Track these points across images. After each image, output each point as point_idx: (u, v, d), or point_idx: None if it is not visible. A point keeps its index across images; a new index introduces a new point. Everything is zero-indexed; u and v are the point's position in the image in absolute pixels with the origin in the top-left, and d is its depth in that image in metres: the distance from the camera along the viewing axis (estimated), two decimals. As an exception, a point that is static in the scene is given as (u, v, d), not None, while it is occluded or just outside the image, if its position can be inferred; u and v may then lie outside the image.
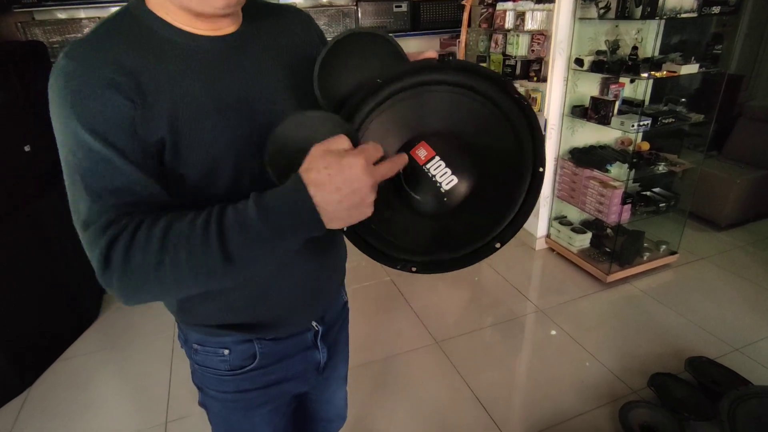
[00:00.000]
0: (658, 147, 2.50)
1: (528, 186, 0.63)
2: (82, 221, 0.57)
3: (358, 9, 3.36)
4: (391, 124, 0.64)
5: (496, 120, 0.63)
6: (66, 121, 0.56)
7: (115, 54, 0.57)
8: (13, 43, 2.53)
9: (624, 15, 2.14)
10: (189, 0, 0.58)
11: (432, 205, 0.63)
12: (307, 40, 0.77)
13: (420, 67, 0.64)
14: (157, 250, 0.52)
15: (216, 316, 0.77)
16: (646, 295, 2.44)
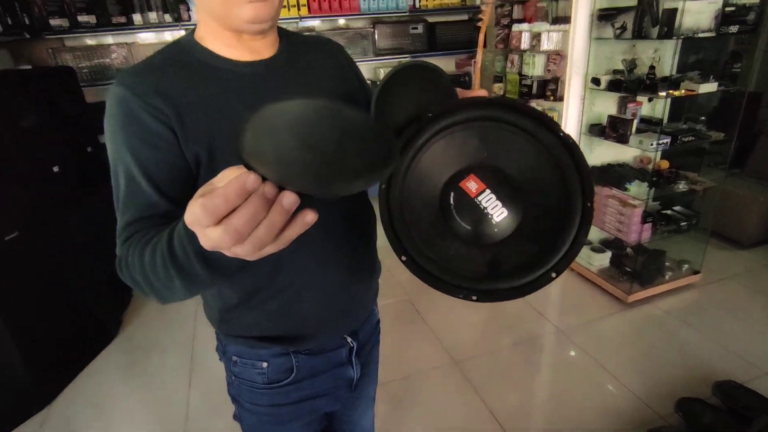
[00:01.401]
0: (678, 165, 2.48)
1: (579, 221, 0.65)
2: (117, 228, 0.66)
3: (375, 31, 3.44)
4: (441, 156, 0.67)
5: (541, 156, 0.66)
6: (114, 138, 0.64)
7: (159, 81, 0.64)
8: (45, 68, 2.64)
9: (640, 35, 2.15)
10: (226, 19, 0.64)
11: (484, 236, 0.65)
12: (340, 67, 0.82)
13: (470, 103, 0.67)
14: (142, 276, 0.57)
15: (255, 327, 0.79)
16: (670, 315, 2.39)
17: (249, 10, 0.63)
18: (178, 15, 3.05)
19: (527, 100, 2.70)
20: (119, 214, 0.66)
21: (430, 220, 0.65)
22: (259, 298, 0.76)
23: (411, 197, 0.65)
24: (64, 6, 2.80)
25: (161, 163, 0.63)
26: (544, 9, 2.48)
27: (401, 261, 0.63)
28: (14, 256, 1.87)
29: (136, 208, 0.64)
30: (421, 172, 0.66)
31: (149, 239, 0.57)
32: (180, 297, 0.58)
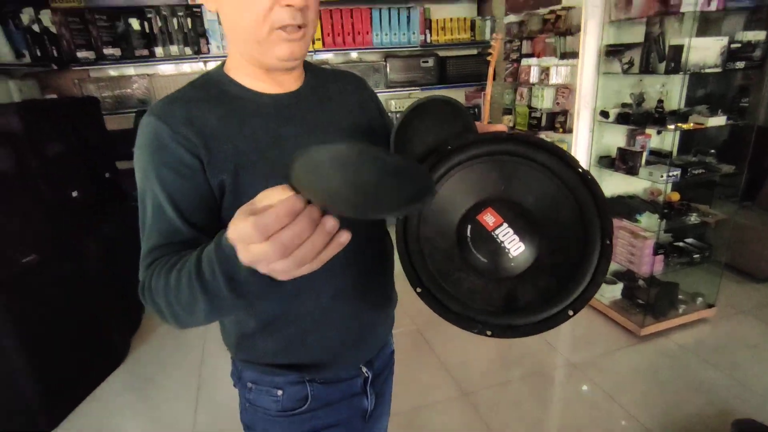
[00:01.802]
0: (689, 197, 2.48)
1: (597, 258, 0.64)
2: (141, 254, 0.68)
3: (387, 64, 3.54)
4: (459, 188, 0.67)
5: (560, 191, 0.66)
6: (143, 166, 0.67)
7: (189, 111, 0.68)
8: (71, 98, 2.75)
9: (648, 70, 2.19)
10: (258, 51, 0.67)
11: (501, 270, 0.65)
12: (362, 101, 0.86)
13: (490, 138, 0.68)
14: (164, 299, 0.60)
15: (272, 354, 0.80)
16: (684, 350, 2.34)
17: (285, 49, 0.67)
18: (198, 48, 3.17)
19: (537, 132, 2.74)
20: (144, 240, 0.69)
21: (446, 252, 0.65)
22: (277, 325, 0.77)
23: (428, 229, 0.65)
24: (91, 40, 2.93)
25: (187, 191, 0.66)
26: (552, 45, 2.54)
27: (416, 293, 0.63)
28: (30, 279, 1.91)
29: (161, 234, 0.67)
30: (439, 204, 0.66)
31: (173, 263, 0.60)
32: (200, 321, 0.59)
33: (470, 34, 3.69)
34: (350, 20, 3.34)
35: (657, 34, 2.13)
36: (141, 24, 3.01)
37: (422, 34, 3.56)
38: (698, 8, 1.95)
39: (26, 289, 1.89)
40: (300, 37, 0.67)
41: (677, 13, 2.00)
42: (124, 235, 2.65)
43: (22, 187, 1.91)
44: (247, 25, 0.65)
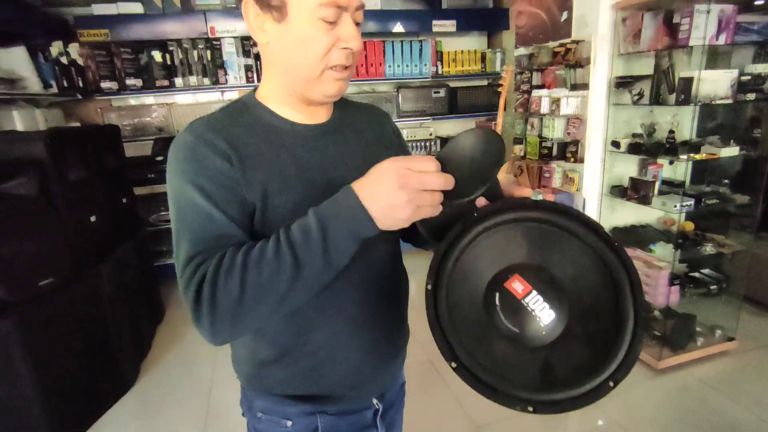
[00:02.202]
0: (704, 227, 2.46)
1: (632, 328, 0.63)
2: (182, 262, 0.66)
3: (399, 95, 3.61)
4: (485, 255, 0.67)
5: (587, 259, 0.66)
6: (179, 179, 0.67)
7: (225, 130, 0.70)
8: (94, 126, 2.84)
9: (658, 101, 2.21)
10: (306, 86, 0.71)
11: (533, 339, 0.63)
12: (385, 134, 0.89)
13: (515, 205, 0.69)
14: (240, 275, 0.60)
15: (286, 385, 0.80)
16: (704, 384, 2.27)
17: (334, 87, 0.71)
18: (216, 78, 3.28)
19: (548, 161, 2.76)
20: (183, 247, 0.67)
21: (477, 321, 0.64)
22: (292, 356, 0.78)
23: (457, 298, 0.65)
24: (115, 71, 3.05)
25: (229, 198, 0.67)
26: (562, 76, 2.59)
27: (451, 368, 0.61)
28: (44, 302, 1.93)
29: (204, 239, 0.66)
30: (466, 271, 0.66)
31: (250, 246, 0.63)
32: (271, 304, 0.61)
33: (481, 66, 3.77)
34: (364, 52, 3.44)
35: (666, 67, 2.16)
36: (163, 56, 3.13)
37: (434, 65, 3.65)
38: (707, 42, 1.99)
39: (39, 313, 1.91)
40: (348, 76, 0.71)
41: (686, 47, 2.04)
42: (137, 261, 2.69)
43: (44, 211, 1.96)
44: (303, 62, 0.68)
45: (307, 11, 0.64)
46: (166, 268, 3.38)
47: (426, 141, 3.74)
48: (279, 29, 0.67)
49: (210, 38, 3.20)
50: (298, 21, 0.65)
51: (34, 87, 2.61)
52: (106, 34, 3.00)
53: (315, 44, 0.66)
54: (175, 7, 3.10)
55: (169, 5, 3.08)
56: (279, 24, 0.67)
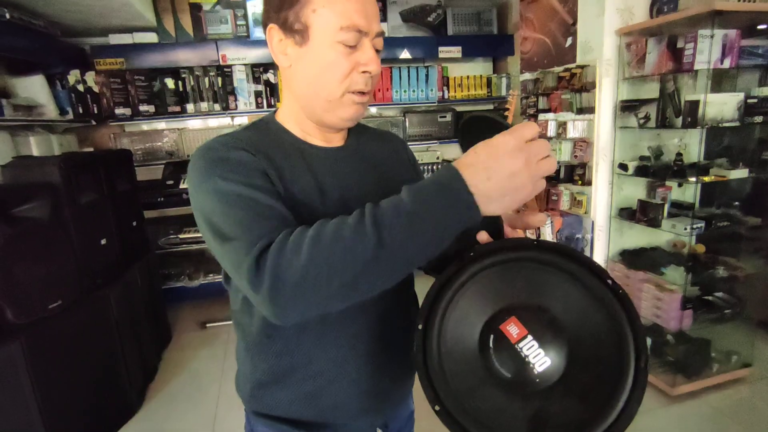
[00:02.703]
0: (715, 250, 2.42)
1: (632, 382, 0.60)
2: (241, 256, 0.58)
3: (405, 119, 3.66)
4: (482, 294, 0.64)
5: (589, 304, 0.62)
6: (211, 181, 0.64)
7: (248, 141, 0.71)
8: (107, 151, 2.89)
9: (664, 124, 2.22)
10: (325, 109, 0.73)
11: (525, 386, 0.60)
12: (400, 161, 0.91)
13: (514, 245, 0.67)
14: (310, 245, 0.54)
15: (286, 408, 0.79)
16: (721, 413, 2.20)
17: (352, 111, 0.73)
18: (226, 104, 3.35)
19: (555, 184, 2.76)
20: (235, 244, 0.60)
21: (468, 364, 0.61)
22: (294, 378, 0.77)
23: (450, 339, 0.62)
24: (129, 98, 3.13)
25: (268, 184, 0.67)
26: (568, 100, 2.61)
27: (434, 411, 0.59)
28: (52, 324, 1.94)
29: (263, 224, 0.61)
30: (461, 311, 0.63)
31: (324, 221, 0.58)
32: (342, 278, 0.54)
33: (486, 91, 3.82)
34: (371, 78, 3.51)
35: (671, 91, 2.18)
36: (175, 83, 3.21)
37: (440, 90, 3.70)
38: (711, 66, 2.01)
39: (46, 335, 1.91)
40: (366, 101, 0.74)
41: (691, 71, 2.06)
42: (145, 284, 2.70)
43: (55, 234, 1.98)
44: (324, 84, 0.70)
45: (328, 35, 0.67)
46: (173, 291, 3.39)
47: (433, 164, 3.77)
48: (300, 53, 0.70)
49: (221, 65, 3.29)
50: (319, 45, 0.68)
51: (50, 114, 2.68)
52: (122, 62, 3.09)
53: (335, 67, 0.69)
54: (189, 36, 3.19)
55: (183, 35, 3.18)
56: (300, 48, 0.70)
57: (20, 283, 1.78)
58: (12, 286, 1.75)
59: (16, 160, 2.16)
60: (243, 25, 3.27)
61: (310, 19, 0.67)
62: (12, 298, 1.75)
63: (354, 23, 0.67)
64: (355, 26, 0.67)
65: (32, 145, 2.46)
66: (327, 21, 0.67)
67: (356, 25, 0.67)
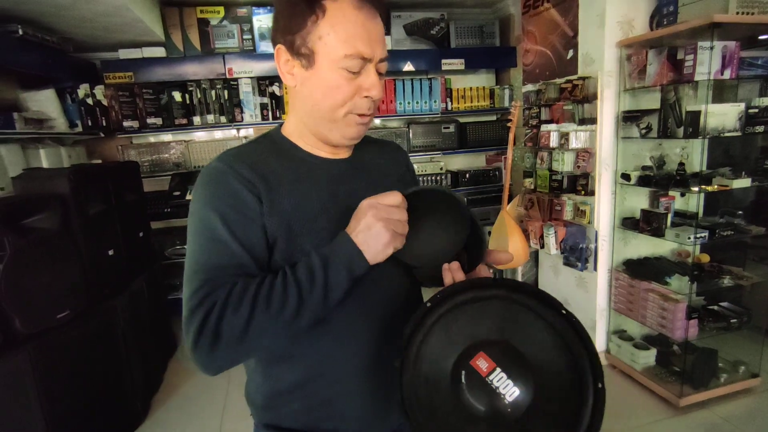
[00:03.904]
0: (720, 259, 2.42)
1: (592, 403, 0.64)
2: (191, 288, 0.68)
3: (409, 130, 3.69)
4: (450, 333, 0.69)
5: (549, 334, 0.67)
6: (202, 203, 0.72)
7: (253, 159, 0.75)
8: (114, 163, 2.93)
9: (666, 134, 2.24)
10: (328, 127, 0.76)
11: (498, 417, 0.64)
12: (400, 170, 0.94)
13: (476, 284, 0.71)
14: (248, 309, 0.65)
15: (299, 417, 0.79)
16: (730, 424, 2.18)
17: (354, 131, 0.76)
18: (232, 116, 3.39)
19: (559, 195, 2.77)
20: (195, 272, 0.69)
21: (443, 401, 0.66)
22: (309, 388, 0.78)
23: (424, 376, 0.66)
24: (137, 110, 3.18)
25: (249, 228, 0.71)
26: (570, 111, 2.64)
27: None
28: (62, 334, 1.96)
29: (219, 268, 0.69)
30: (432, 352, 0.67)
31: (260, 281, 0.67)
32: (279, 331, 0.67)
33: (489, 102, 3.86)
34: (375, 90, 3.55)
35: (672, 101, 2.20)
36: (182, 96, 3.26)
37: (443, 102, 3.74)
38: (712, 77, 2.03)
39: (53, 346, 1.92)
40: (368, 122, 0.77)
41: (691, 82, 2.08)
42: (151, 294, 2.72)
43: (64, 245, 2.01)
44: (327, 106, 0.73)
45: (333, 61, 0.70)
46: (178, 301, 3.38)
47: (436, 175, 3.79)
48: (306, 75, 0.73)
49: (228, 79, 3.34)
50: (324, 69, 0.71)
51: (60, 127, 2.73)
52: (131, 76, 3.15)
53: (338, 91, 0.72)
54: (196, 50, 3.25)
55: (191, 49, 3.24)
56: (306, 71, 0.73)
57: (29, 293, 1.81)
58: (21, 295, 1.77)
59: (26, 172, 2.20)
60: (249, 39, 3.33)
61: (317, 46, 0.70)
62: (21, 308, 1.77)
63: (358, 51, 0.69)
64: (359, 54, 0.70)
65: (42, 158, 2.50)
66: (332, 48, 0.69)
67: (360, 53, 0.70)
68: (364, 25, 0.70)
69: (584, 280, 2.75)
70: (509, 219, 2.71)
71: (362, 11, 0.70)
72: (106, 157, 3.36)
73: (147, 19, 2.74)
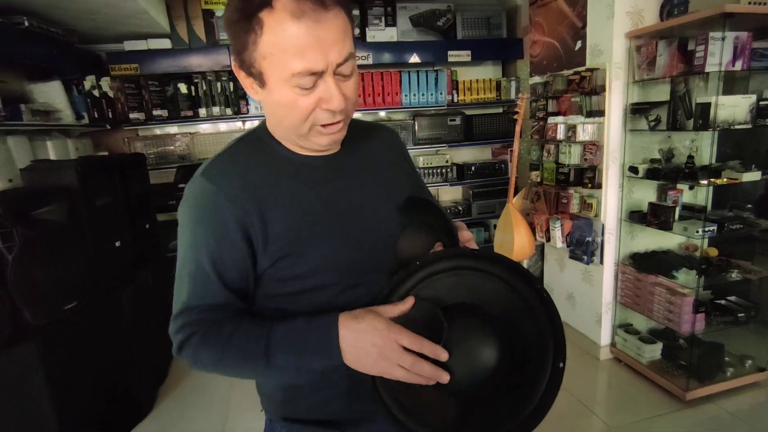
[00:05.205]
0: (728, 253, 2.40)
1: (546, 381, 0.65)
2: (174, 313, 0.73)
3: (415, 123, 3.67)
4: (426, 299, 0.70)
5: (519, 308, 0.69)
6: (192, 229, 0.71)
7: (242, 172, 0.72)
8: (120, 155, 2.94)
9: (675, 127, 2.21)
10: (299, 139, 0.73)
11: (461, 382, 0.66)
12: (393, 153, 0.91)
13: (454, 254, 0.73)
14: (219, 349, 0.69)
15: (318, 409, 0.79)
16: (737, 418, 2.18)
17: (325, 140, 0.72)
18: (237, 108, 3.39)
19: (565, 188, 2.76)
20: (180, 298, 0.73)
21: None
22: (333, 378, 0.77)
23: None
24: (143, 102, 3.18)
25: (234, 262, 0.71)
26: (577, 103, 2.61)
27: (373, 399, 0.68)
28: (70, 325, 1.97)
29: (199, 297, 0.72)
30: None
31: (230, 332, 0.69)
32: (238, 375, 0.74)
33: (496, 94, 3.83)
34: (381, 82, 3.53)
35: (682, 93, 2.17)
36: (188, 88, 3.26)
37: (449, 94, 3.71)
38: (723, 68, 2.00)
39: (61, 336, 1.94)
40: (338, 129, 0.72)
41: (702, 73, 2.05)
42: (157, 286, 2.73)
43: (71, 236, 2.02)
44: (290, 122, 0.70)
45: (283, 81, 0.65)
46: (185, 293, 3.41)
47: (442, 168, 3.77)
48: (263, 93, 0.69)
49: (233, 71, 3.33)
50: (276, 89, 0.66)
51: (67, 119, 2.73)
52: (136, 68, 3.14)
53: (295, 108, 0.67)
54: (201, 42, 3.24)
55: (196, 41, 3.23)
56: (262, 89, 0.69)
57: (38, 285, 1.82)
58: (30, 287, 1.79)
59: (34, 163, 2.21)
60: (254, 31, 3.32)
61: (263, 66, 0.65)
62: (29, 299, 1.79)
63: (306, 68, 0.62)
64: (308, 70, 0.63)
65: (49, 149, 2.51)
66: (278, 68, 0.64)
67: (308, 69, 0.63)
68: (309, 35, 0.61)
69: (590, 274, 2.74)
70: (515, 212, 2.69)
71: (303, 20, 0.60)
72: (113, 149, 3.37)
73: (152, 10, 2.73)
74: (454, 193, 4.20)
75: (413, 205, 0.82)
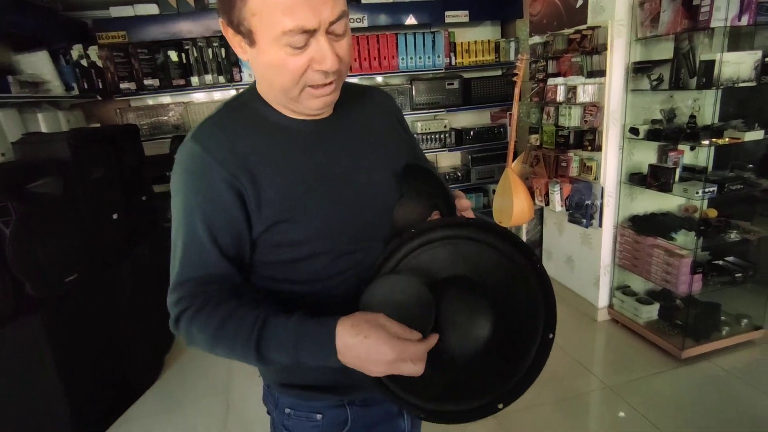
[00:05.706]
0: (728, 214, 2.39)
1: (535, 351, 0.65)
2: (171, 284, 0.71)
3: (412, 87, 3.60)
4: (420, 268, 0.70)
5: (513, 278, 0.68)
6: (184, 194, 0.69)
7: (234, 140, 0.69)
8: (113, 126, 2.90)
9: (678, 86, 2.16)
10: (290, 103, 0.70)
11: (454, 351, 0.66)
12: (389, 118, 0.88)
13: (449, 223, 0.72)
14: (211, 334, 0.67)
15: (314, 376, 0.79)
16: (731, 374, 2.23)
17: (317, 103, 0.69)
18: (230, 76, 3.31)
19: (565, 150, 2.72)
20: (175, 269, 0.71)
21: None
22: None
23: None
24: (133, 72, 3.10)
25: (226, 225, 0.69)
26: (578, 64, 2.54)
27: None
28: (71, 298, 1.99)
29: (195, 266, 0.69)
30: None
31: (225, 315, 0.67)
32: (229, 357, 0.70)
33: (494, 56, 3.73)
34: (376, 46, 3.43)
35: (686, 50, 2.11)
36: (179, 55, 3.17)
37: (447, 56, 3.61)
38: (728, 23, 1.93)
39: (66, 308, 1.97)
40: (331, 90, 0.69)
41: (706, 29, 1.98)
42: (157, 256, 2.75)
43: (67, 210, 2.01)
44: (280, 83, 0.66)
45: (273, 39, 0.61)
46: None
47: (441, 133, 3.72)
48: (253, 52, 0.66)
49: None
50: (266, 48, 0.63)
51: (56, 90, 2.67)
52: (124, 35, 3.05)
53: (286, 69, 0.64)
54: (190, 6, 3.13)
55: (184, 5, 3.12)
56: (252, 48, 0.65)
57: (37, 258, 1.82)
58: (29, 261, 1.79)
59: (26, 136, 2.17)
60: (244, -6, 3.20)
61: (252, 23, 0.62)
62: (29, 273, 1.80)
63: (297, 25, 0.59)
64: (299, 28, 0.60)
65: (40, 122, 2.46)
66: (268, 26, 0.60)
67: (300, 27, 0.60)
68: None
69: (589, 237, 2.74)
70: (514, 176, 2.67)
71: None
72: (105, 120, 3.31)
73: (137, -26, 2.63)
74: (453, 159, 4.15)
75: (411, 173, 0.80)
